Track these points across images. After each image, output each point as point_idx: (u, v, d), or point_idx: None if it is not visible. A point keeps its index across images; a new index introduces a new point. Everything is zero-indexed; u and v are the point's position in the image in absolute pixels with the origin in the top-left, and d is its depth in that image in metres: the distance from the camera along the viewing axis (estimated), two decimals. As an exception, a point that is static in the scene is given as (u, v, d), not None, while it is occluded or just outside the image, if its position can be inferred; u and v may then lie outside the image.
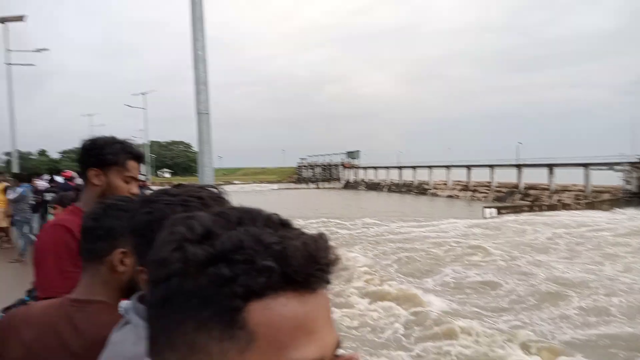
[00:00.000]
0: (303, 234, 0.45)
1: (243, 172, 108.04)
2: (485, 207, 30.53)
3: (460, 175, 55.66)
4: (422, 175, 62.08)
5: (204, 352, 0.41)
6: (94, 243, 1.18)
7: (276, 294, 0.41)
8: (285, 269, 0.41)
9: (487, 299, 9.96)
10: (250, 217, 0.45)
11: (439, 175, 59.74)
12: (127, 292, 1.15)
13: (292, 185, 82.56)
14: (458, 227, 21.43)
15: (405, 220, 24.22)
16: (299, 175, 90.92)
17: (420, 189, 59.26)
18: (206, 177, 4.15)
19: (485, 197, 48.08)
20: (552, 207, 32.77)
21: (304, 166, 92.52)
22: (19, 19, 17.46)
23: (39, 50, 19.50)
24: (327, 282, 0.44)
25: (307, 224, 21.03)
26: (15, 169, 16.76)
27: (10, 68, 17.84)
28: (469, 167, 53.85)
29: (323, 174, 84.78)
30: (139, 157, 1.74)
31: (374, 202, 44.98)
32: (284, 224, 0.46)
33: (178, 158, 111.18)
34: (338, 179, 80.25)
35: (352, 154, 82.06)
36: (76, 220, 1.64)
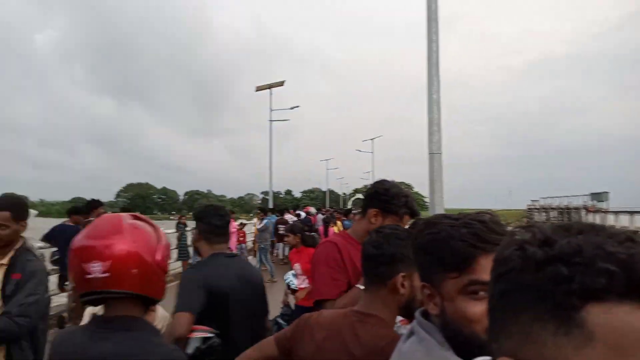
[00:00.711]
0: None
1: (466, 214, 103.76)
2: None
3: None
4: (703, 224, 48.13)
5: (538, 342, 0.44)
6: (377, 268, 1.32)
7: (619, 300, 0.41)
8: (630, 276, 0.41)
9: None
10: (593, 229, 0.46)
11: None
12: (402, 310, 1.31)
13: (521, 229, 74.73)
14: None
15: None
16: (529, 219, 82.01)
17: (702, 242, 45.78)
18: (437, 215, 4.22)
19: None
20: None
21: (536, 209, 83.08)
22: (281, 84, 21.43)
23: (292, 108, 23.40)
24: None
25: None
26: (270, 205, 20.23)
27: (271, 124, 21.92)
28: None
29: (560, 219, 74.45)
30: (413, 214, 1.97)
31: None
32: (633, 240, 0.44)
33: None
34: (579, 225, 68.89)
35: (598, 196, 69.75)
36: (342, 241, 1.98)
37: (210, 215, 2.24)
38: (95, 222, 1.27)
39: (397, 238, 1.34)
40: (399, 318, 1.39)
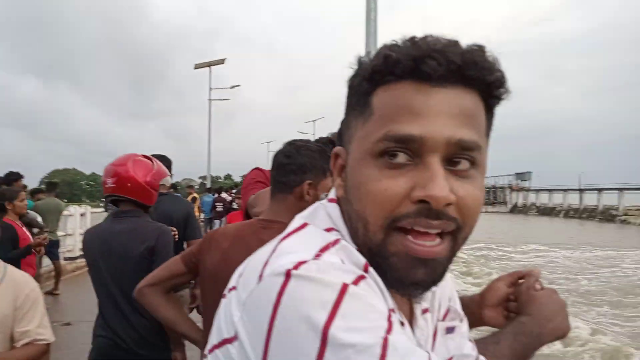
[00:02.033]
0: (456, 42, 0.51)
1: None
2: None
3: (661, 200, 46.40)
4: (609, 200, 53.46)
5: (350, 126, 0.57)
6: (286, 176, 1.37)
7: (397, 81, 0.51)
8: (405, 61, 0.50)
9: None
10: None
11: (632, 200, 50.74)
12: None
13: (453, 208, 78.74)
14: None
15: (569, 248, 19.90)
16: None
17: (606, 216, 50.95)
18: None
19: (699, 226, 39.08)
20: None
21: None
22: (221, 62, 20.64)
23: (233, 87, 22.82)
24: (456, 80, 0.50)
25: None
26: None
27: (211, 104, 21.32)
28: (674, 190, 44.55)
29: (487, 197, 79.41)
30: None
31: (542, 228, 39.92)
32: (415, 37, 0.52)
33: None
34: (504, 203, 74.27)
35: (521, 176, 75.21)
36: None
37: None
38: (118, 157, 2.16)
39: (308, 149, 1.40)
40: None
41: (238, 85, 23.18)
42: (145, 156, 2.24)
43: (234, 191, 15.93)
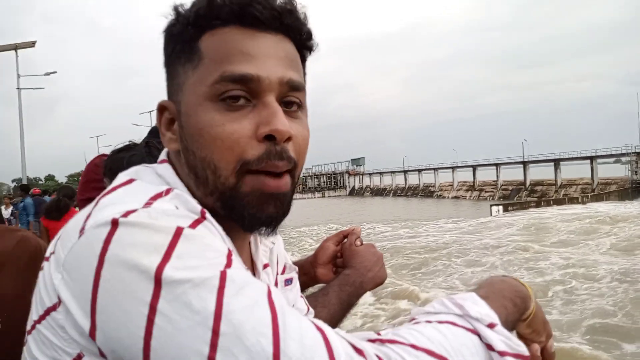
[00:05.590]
0: None
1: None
2: (493, 205, 30.41)
3: (466, 176, 55.39)
4: (427, 178, 61.73)
5: (176, 75, 0.56)
6: None
7: (224, 26, 0.53)
8: (231, 5, 0.52)
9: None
10: None
11: (444, 178, 59.52)
12: None
13: (297, 195, 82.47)
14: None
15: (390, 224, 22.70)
16: (304, 185, 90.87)
17: (426, 192, 58.80)
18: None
19: (491, 195, 47.69)
20: (558, 202, 32.61)
21: (309, 176, 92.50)
22: (31, 44, 17.31)
23: (48, 74, 19.35)
24: (277, 27, 0.54)
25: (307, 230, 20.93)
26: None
27: (20, 93, 18.11)
28: (474, 167, 53.33)
29: (328, 183, 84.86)
30: None
31: (375, 207, 44.34)
32: None
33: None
34: (344, 187, 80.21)
35: (356, 161, 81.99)
36: None
37: None
38: None
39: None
40: None
41: (54, 72, 19.81)
42: None
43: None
